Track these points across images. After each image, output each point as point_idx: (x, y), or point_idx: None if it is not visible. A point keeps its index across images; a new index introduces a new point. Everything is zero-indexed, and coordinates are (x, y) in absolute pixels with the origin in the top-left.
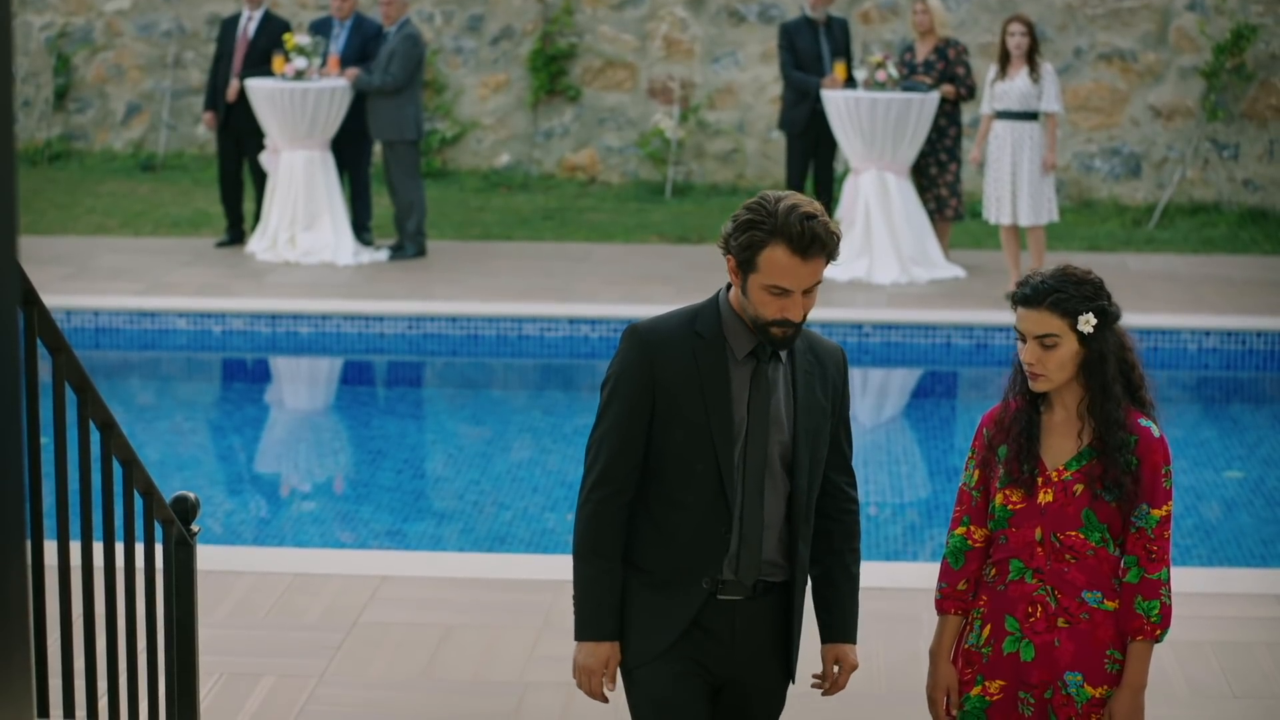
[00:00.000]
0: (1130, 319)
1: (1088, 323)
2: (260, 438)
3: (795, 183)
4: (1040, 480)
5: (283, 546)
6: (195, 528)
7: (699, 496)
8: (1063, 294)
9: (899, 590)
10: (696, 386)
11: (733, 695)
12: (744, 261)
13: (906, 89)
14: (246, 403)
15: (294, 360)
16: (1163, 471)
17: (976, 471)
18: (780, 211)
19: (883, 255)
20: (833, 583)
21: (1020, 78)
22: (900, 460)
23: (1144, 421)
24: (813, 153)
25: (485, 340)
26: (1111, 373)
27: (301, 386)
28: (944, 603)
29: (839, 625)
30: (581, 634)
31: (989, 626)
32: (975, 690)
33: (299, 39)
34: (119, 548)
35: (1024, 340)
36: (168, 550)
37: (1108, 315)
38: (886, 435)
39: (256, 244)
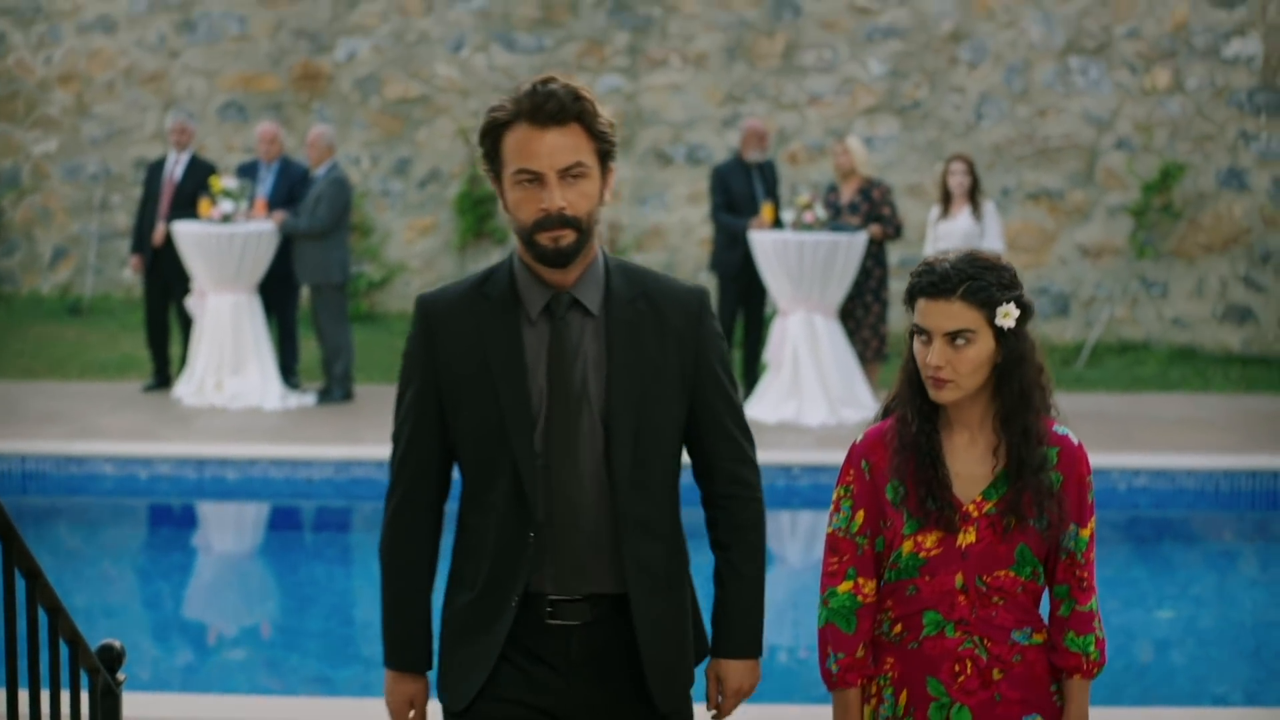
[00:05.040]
0: None
1: (1008, 315)
2: (187, 584)
3: (726, 325)
4: (958, 517)
5: (210, 693)
6: (121, 676)
7: (501, 494)
8: (979, 281)
9: None
10: (480, 359)
11: None
12: (492, 161)
13: (834, 229)
14: (173, 548)
15: (221, 505)
16: (1087, 483)
17: (860, 514)
18: (516, 94)
19: (811, 397)
20: (720, 583)
21: (963, 216)
22: None
23: (1059, 429)
24: (745, 296)
25: None
26: (1030, 377)
27: (228, 532)
28: (846, 675)
29: (722, 637)
30: (387, 660)
31: (905, 692)
32: None
33: (225, 182)
34: (44, 696)
35: (926, 339)
36: (93, 699)
37: (1027, 308)
38: (815, 577)
39: (183, 388)
